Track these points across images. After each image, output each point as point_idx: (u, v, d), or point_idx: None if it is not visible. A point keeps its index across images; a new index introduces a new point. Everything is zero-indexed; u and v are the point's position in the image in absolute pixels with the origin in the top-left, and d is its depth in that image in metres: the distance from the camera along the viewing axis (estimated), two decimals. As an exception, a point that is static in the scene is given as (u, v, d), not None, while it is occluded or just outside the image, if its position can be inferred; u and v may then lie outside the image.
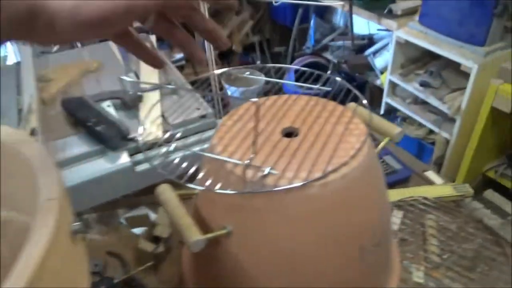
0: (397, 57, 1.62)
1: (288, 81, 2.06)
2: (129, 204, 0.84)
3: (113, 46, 1.10)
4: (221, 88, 2.24)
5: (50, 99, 0.85)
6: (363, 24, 2.13)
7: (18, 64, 1.02)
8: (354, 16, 1.87)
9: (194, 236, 0.40)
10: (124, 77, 0.89)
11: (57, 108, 0.82)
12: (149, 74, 0.93)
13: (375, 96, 2.06)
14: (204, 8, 1.90)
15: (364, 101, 0.49)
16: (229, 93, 2.23)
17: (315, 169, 0.41)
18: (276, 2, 2.25)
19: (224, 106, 1.88)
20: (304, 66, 2.06)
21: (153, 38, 1.12)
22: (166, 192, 0.46)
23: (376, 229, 0.44)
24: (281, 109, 0.51)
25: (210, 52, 2.07)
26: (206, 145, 0.76)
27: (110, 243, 0.76)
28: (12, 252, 0.33)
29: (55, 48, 1.14)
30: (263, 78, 2.67)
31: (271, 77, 0.69)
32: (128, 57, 1.03)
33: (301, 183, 0.39)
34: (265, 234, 0.42)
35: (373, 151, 0.47)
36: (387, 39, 1.96)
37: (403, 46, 1.58)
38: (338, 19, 2.42)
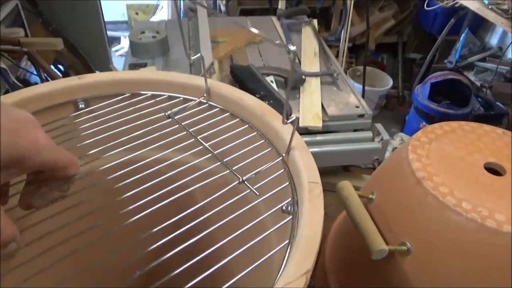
0: None
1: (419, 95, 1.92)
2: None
3: (275, 21, 1.13)
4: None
5: (218, 61, 0.91)
6: (524, 50, 1.90)
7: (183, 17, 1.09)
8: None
9: (381, 244, 0.40)
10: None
11: (224, 71, 0.87)
12: (309, 59, 0.94)
13: (512, 132, 1.85)
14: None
15: None
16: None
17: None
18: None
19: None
20: (443, 81, 1.93)
21: (315, 21, 1.12)
22: (347, 188, 0.47)
23: None
24: (482, 140, 0.48)
25: (343, 44, 2.03)
26: (364, 145, 0.75)
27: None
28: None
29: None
30: (390, 81, 2.49)
31: (398, 83, 0.65)
32: (289, 35, 1.05)
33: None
34: (445, 264, 0.41)
35: None
36: (550, 74, 1.73)
37: None
38: (493, 39, 2.19)
